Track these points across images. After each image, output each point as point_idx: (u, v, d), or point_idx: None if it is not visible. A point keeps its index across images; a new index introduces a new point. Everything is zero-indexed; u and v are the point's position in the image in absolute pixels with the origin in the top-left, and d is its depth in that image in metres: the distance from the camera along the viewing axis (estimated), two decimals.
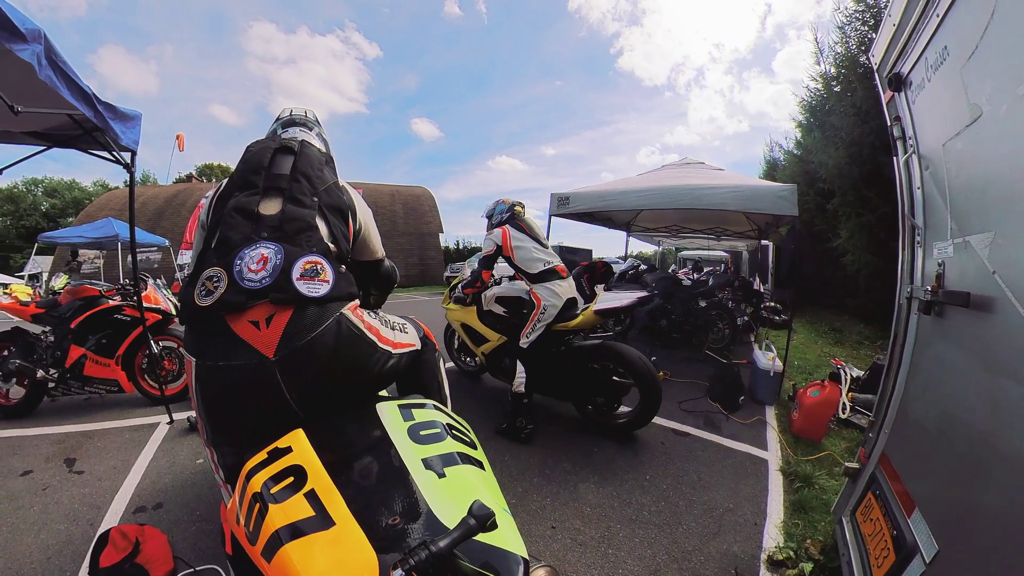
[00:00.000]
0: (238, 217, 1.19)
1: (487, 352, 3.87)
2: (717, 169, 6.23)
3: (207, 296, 1.08)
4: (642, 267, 8.11)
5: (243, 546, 0.94)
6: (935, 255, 1.51)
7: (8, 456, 3.04)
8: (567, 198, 5.68)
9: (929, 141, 1.57)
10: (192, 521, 2.32)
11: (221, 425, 1.16)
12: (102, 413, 3.83)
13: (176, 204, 22.36)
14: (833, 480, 2.74)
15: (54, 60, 2.02)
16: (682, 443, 3.32)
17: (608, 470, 2.88)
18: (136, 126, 2.88)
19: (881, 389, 1.86)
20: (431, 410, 1.20)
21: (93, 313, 3.82)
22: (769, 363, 4.17)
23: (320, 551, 0.83)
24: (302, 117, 1.68)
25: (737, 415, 3.88)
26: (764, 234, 7.87)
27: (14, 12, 1.75)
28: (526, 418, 3.29)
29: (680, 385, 4.66)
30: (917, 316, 1.66)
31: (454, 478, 1.00)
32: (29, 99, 2.17)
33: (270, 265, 1.10)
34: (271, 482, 0.96)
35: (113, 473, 2.82)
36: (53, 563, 2.01)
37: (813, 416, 3.37)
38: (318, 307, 1.13)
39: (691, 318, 6.44)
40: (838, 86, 9.64)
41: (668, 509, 2.47)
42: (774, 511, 2.49)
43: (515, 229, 3.39)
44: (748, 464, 3.03)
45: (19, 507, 2.45)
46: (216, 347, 1.08)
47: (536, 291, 3.25)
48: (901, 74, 1.70)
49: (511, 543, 0.89)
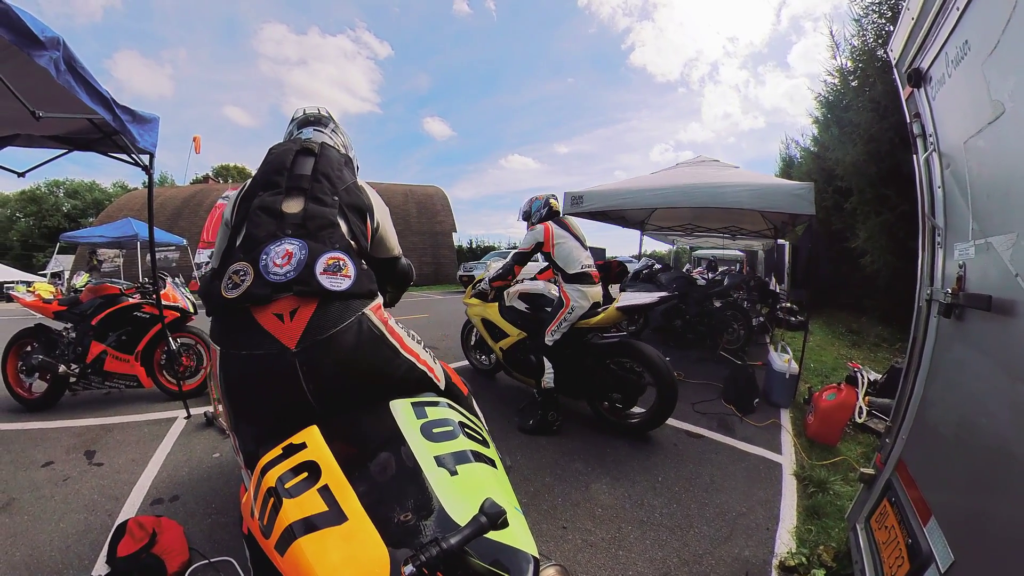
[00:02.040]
0: (263, 215, 1.24)
1: (505, 348, 3.90)
2: (732, 167, 6.15)
3: (234, 289, 1.13)
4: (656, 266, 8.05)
5: (257, 539, 0.97)
6: (956, 256, 1.46)
7: (31, 448, 3.13)
8: (581, 197, 5.63)
9: (950, 138, 1.52)
10: (208, 514, 2.36)
11: (242, 411, 1.20)
12: (122, 407, 3.92)
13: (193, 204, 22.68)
14: (848, 486, 2.69)
15: (73, 66, 2.08)
16: (695, 445, 3.29)
17: (620, 471, 2.86)
18: (154, 129, 2.95)
19: (899, 394, 1.81)
20: (444, 408, 1.21)
21: (113, 310, 3.94)
22: (785, 365, 4.11)
23: (333, 546, 0.84)
24: (316, 116, 1.70)
25: (751, 417, 3.83)
26: (780, 233, 7.75)
27: (33, 20, 1.82)
28: (557, 411, 3.38)
29: (694, 386, 4.61)
30: (937, 319, 1.61)
31: (466, 476, 1.00)
32: (50, 104, 2.22)
33: (295, 260, 1.15)
34: (285, 477, 0.97)
35: (132, 465, 2.89)
36: (72, 552, 2.06)
37: (829, 420, 3.30)
38: (341, 303, 1.17)
39: (706, 318, 6.36)
40: (855, 81, 9.42)
41: (680, 511, 2.44)
42: (787, 516, 2.45)
43: (558, 226, 3.43)
44: (762, 468, 2.99)
45: (40, 497, 2.51)
46: (241, 337, 1.12)
47: (567, 290, 3.28)
48: (921, 69, 1.65)
49: (522, 541, 0.90)
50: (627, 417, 3.40)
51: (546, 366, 3.31)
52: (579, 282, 3.29)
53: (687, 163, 6.85)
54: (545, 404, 3.38)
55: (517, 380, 4.04)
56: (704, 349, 6.22)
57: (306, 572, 0.81)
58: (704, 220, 8.67)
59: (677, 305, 6.43)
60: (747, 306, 6.92)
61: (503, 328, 3.90)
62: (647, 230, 9.64)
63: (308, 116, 1.70)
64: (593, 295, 3.31)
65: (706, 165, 6.33)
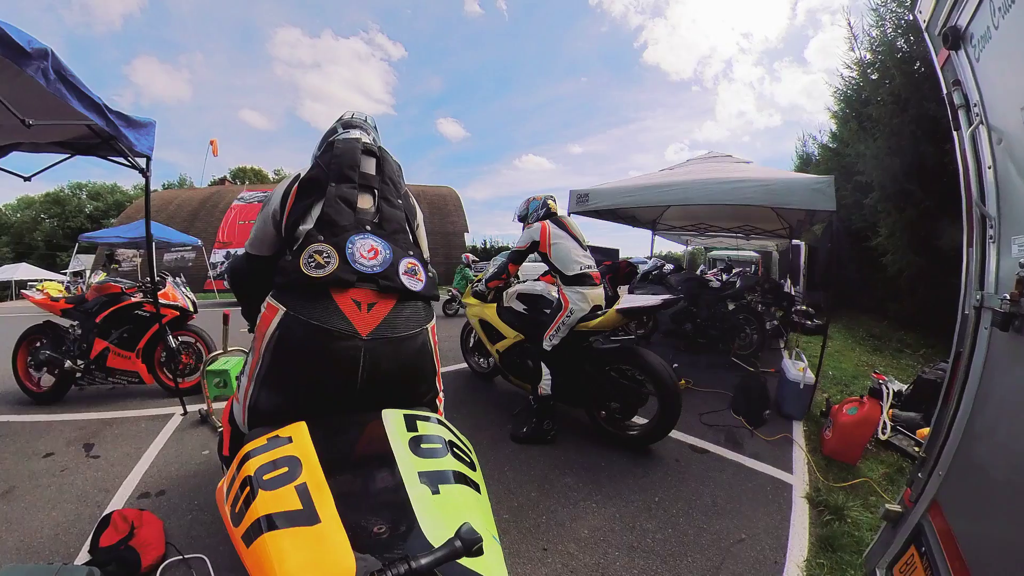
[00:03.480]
0: (342, 204, 1.34)
1: (502, 350, 3.78)
2: (744, 162, 5.86)
3: (318, 268, 1.22)
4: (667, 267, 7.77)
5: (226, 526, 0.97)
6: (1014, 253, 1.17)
7: (35, 439, 3.30)
8: (586, 195, 5.42)
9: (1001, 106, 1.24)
10: (189, 510, 2.41)
11: (284, 370, 1.24)
12: (123, 402, 4.09)
13: (209, 206, 22.91)
14: (868, 513, 2.40)
15: (63, 75, 2.19)
16: (699, 461, 3.03)
17: (613, 488, 2.65)
18: (150, 133, 3.05)
19: (936, 419, 1.50)
20: (435, 424, 1.20)
21: (115, 309, 4.10)
22: (799, 374, 3.80)
23: (300, 546, 0.83)
24: (362, 121, 1.78)
25: (761, 431, 3.53)
26: (796, 233, 7.40)
27: (18, 33, 1.93)
28: (553, 420, 3.25)
29: (702, 395, 4.34)
30: (989, 331, 1.31)
31: (447, 496, 0.98)
32: (43, 113, 2.37)
33: (381, 256, 1.29)
34: (265, 468, 0.97)
35: (125, 459, 2.99)
36: (60, 540, 2.16)
37: (848, 436, 2.99)
38: (412, 306, 1.31)
39: (717, 322, 6.09)
40: (875, 73, 9.18)
41: (675, 537, 2.21)
42: (796, 546, 2.18)
43: (555, 225, 3.29)
44: (770, 488, 2.71)
45: (37, 486, 2.65)
46: (314, 309, 1.19)
47: (566, 293, 3.15)
48: (958, 27, 1.37)
49: (494, 572, 0.87)
50: (626, 428, 3.20)
51: (544, 372, 3.17)
52: (578, 284, 3.14)
53: (698, 159, 6.58)
54: (540, 412, 3.22)
55: (514, 385, 3.88)
56: (715, 354, 5.94)
57: (267, 568, 0.80)
58: (717, 219, 8.36)
59: (688, 308, 6.18)
60: (761, 309, 6.64)
61: (500, 329, 3.78)
62: (659, 230, 9.35)
63: (355, 120, 1.76)
64: (593, 297, 3.15)
65: (718, 161, 6.06)
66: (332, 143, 1.55)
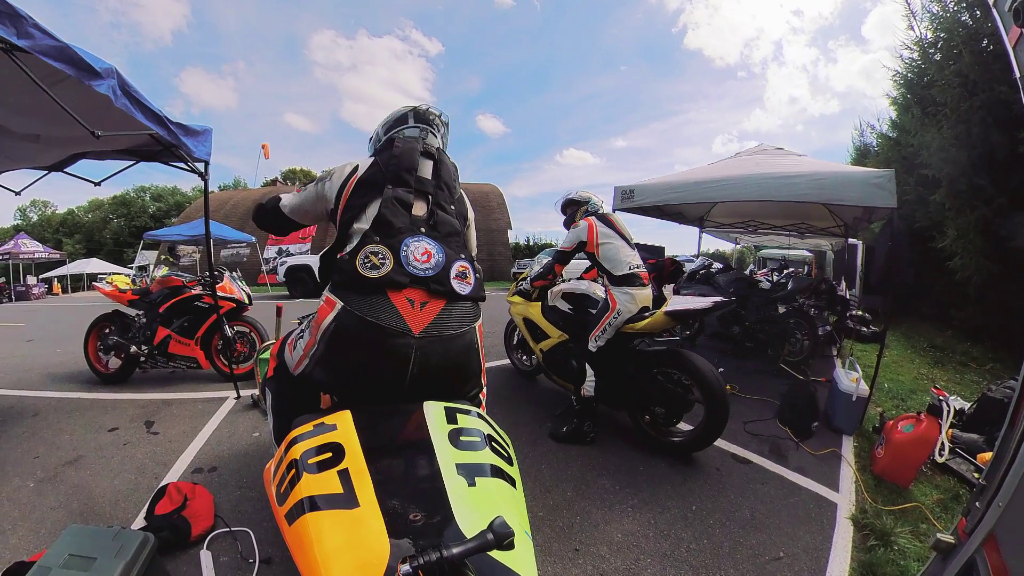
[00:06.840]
0: (398, 207, 1.39)
1: (545, 349, 3.77)
2: (798, 155, 5.59)
3: (373, 269, 1.27)
4: (714, 266, 7.53)
5: (271, 504, 1.04)
6: None
7: (102, 415, 3.71)
8: (631, 191, 5.33)
9: None
10: (238, 486, 2.61)
11: (336, 360, 1.32)
12: (182, 385, 4.51)
13: None
14: (917, 542, 2.25)
15: (128, 90, 2.41)
16: (740, 472, 2.95)
17: (651, 494, 2.63)
18: (207, 140, 3.27)
19: (1000, 443, 1.37)
20: (475, 418, 1.23)
21: (177, 300, 4.51)
22: (852, 385, 3.59)
23: (338, 527, 0.87)
24: (435, 116, 1.74)
25: (808, 444, 3.39)
26: (852, 231, 6.99)
27: (90, 56, 2.13)
28: (593, 421, 3.22)
29: (748, 402, 4.21)
30: None
31: (483, 489, 1.01)
32: (109, 124, 2.56)
33: (434, 260, 1.33)
34: (310, 453, 1.03)
35: (182, 437, 3.27)
36: (120, 506, 2.41)
37: (902, 456, 2.82)
38: (462, 307, 1.36)
39: (767, 325, 5.86)
40: (937, 54, 8.38)
41: (710, 548, 2.17)
42: (836, 570, 2.08)
43: (603, 224, 3.23)
44: (813, 506, 2.60)
45: (102, 457, 2.96)
46: (370, 306, 1.25)
47: (614, 293, 3.09)
48: None
49: (524, 567, 0.88)
50: (670, 434, 3.14)
51: (587, 373, 3.13)
52: (627, 284, 3.07)
53: (748, 152, 6.34)
54: (582, 413, 3.20)
55: (557, 384, 3.86)
56: (763, 360, 5.72)
57: (307, 546, 0.85)
58: (768, 216, 7.97)
59: (736, 310, 5.97)
60: (813, 313, 6.32)
61: (544, 329, 3.76)
62: (707, 227, 9.04)
63: (428, 115, 1.71)
64: (642, 299, 3.08)
65: (769, 154, 5.81)
66: (393, 140, 1.60)
